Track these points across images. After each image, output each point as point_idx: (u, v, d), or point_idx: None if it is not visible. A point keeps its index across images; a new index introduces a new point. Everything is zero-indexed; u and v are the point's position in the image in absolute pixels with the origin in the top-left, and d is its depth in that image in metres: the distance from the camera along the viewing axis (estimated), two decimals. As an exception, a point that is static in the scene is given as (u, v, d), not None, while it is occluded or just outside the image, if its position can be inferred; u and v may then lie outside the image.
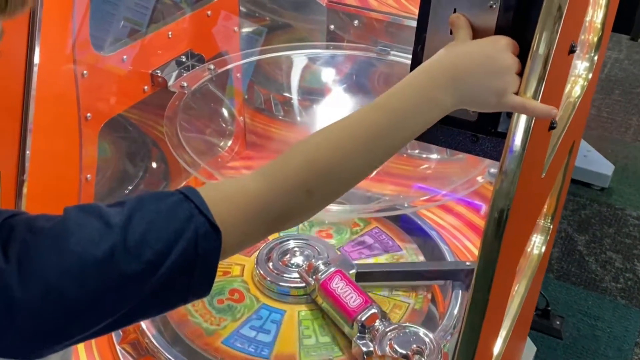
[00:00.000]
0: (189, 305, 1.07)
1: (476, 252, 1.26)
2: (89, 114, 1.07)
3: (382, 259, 1.20)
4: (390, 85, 0.65)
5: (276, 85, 1.51)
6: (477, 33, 0.66)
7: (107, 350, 1.04)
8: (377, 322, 0.99)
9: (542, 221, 1.24)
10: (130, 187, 1.30)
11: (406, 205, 1.10)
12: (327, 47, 1.37)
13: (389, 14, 1.32)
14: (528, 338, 1.68)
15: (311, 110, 1.52)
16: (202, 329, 1.05)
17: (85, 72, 1.04)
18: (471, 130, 0.71)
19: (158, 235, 0.55)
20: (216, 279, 1.01)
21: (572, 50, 0.70)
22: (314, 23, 1.40)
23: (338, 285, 1.04)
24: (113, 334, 1.05)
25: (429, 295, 1.13)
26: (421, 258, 1.21)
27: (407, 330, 0.96)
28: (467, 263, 1.13)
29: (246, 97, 1.49)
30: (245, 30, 1.45)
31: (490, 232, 0.72)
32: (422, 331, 0.96)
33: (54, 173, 1.05)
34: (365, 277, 1.11)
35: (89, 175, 1.11)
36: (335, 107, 1.48)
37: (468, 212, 1.35)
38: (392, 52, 1.33)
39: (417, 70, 0.65)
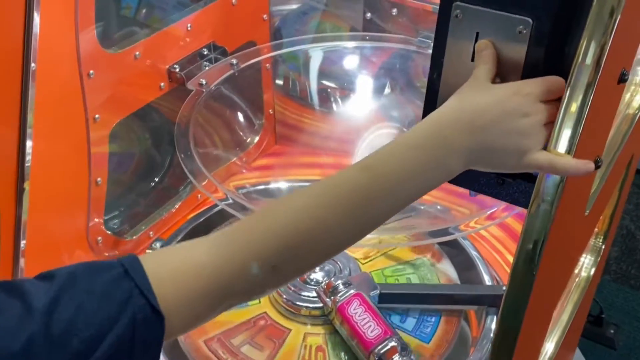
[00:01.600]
0: None
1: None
2: (97, 115, 1.00)
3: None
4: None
5: (309, 74, 1.42)
6: (503, 64, 0.55)
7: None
8: (397, 357, 0.90)
9: (593, 240, 1.12)
10: (149, 188, 1.24)
11: (457, 227, 0.99)
12: (363, 38, 1.26)
13: (430, 2, 1.20)
14: (577, 348, 1.57)
15: (346, 101, 1.43)
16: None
17: (91, 72, 0.97)
18: (498, 175, 0.60)
19: (88, 321, 0.47)
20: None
21: (622, 80, 0.58)
22: (350, 9, 1.29)
23: (356, 311, 0.95)
24: None
25: (461, 321, 1.03)
26: (453, 274, 1.10)
27: (428, 370, 0.87)
28: (504, 287, 1.02)
29: (277, 83, 1.40)
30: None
31: (516, 288, 0.62)
32: (445, 370, 0.87)
33: (60, 178, 0.99)
34: (389, 298, 1.02)
35: (99, 179, 1.05)
36: (370, 100, 1.38)
37: (514, 222, 1.23)
38: (433, 45, 1.21)
39: (421, 125, 0.55)
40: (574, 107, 0.50)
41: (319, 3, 1.38)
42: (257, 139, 1.36)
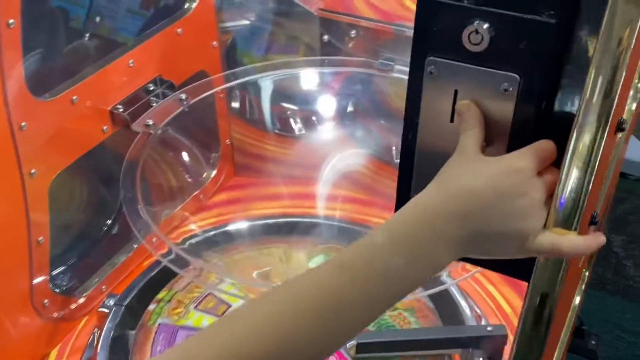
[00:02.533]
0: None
1: (505, 306, 1.09)
2: (33, 170, 0.91)
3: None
4: (392, 102, 0.48)
5: (268, 100, 1.33)
6: (487, 126, 0.47)
7: None
8: (379, 420, 0.82)
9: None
10: (99, 236, 1.14)
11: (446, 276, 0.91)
12: (322, 63, 1.18)
13: (389, 23, 1.12)
14: (560, 364, 1.52)
15: (307, 125, 1.35)
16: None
17: (23, 124, 0.87)
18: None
19: None
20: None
21: (620, 129, 0.52)
22: (306, 33, 1.20)
23: (332, 370, 0.87)
24: None
25: (444, 367, 0.96)
26: (431, 311, 1.03)
27: None
28: (489, 328, 0.95)
29: (233, 110, 1.31)
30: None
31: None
32: None
33: (-4, 242, 0.89)
34: (367, 348, 0.94)
35: (41, 238, 0.95)
36: (332, 123, 1.30)
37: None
38: (396, 67, 1.14)
39: (405, 215, 0.47)
40: (575, 174, 0.43)
41: (267, 22, 1.29)
42: (214, 173, 1.28)
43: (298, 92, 1.29)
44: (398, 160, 1.29)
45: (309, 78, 1.23)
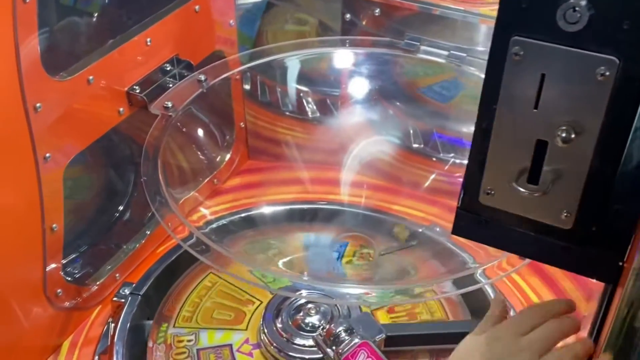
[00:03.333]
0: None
1: (533, 296, 1.05)
2: (48, 154, 0.86)
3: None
4: (414, 86, 0.45)
5: (285, 82, 1.29)
6: (577, 120, 0.43)
7: None
8: (415, 418, 0.79)
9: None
10: (112, 222, 1.10)
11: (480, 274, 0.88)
12: (343, 43, 1.13)
13: (417, 2, 1.08)
14: None
15: (325, 109, 1.30)
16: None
17: (38, 105, 0.82)
18: (563, 241, 0.49)
19: None
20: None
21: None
22: (327, 11, 1.16)
23: (364, 365, 0.84)
24: None
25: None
26: (458, 302, 1.00)
27: None
28: (521, 320, 0.91)
29: (247, 93, 1.27)
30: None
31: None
32: None
33: (9, 229, 0.85)
34: (397, 341, 0.91)
35: (55, 225, 0.91)
36: (352, 107, 1.26)
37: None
38: (422, 48, 1.10)
39: None
40: None
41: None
42: (228, 156, 1.23)
43: (317, 74, 1.24)
44: (417, 145, 1.28)
45: (329, 59, 1.18)
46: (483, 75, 0.46)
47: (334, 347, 0.86)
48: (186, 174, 1.14)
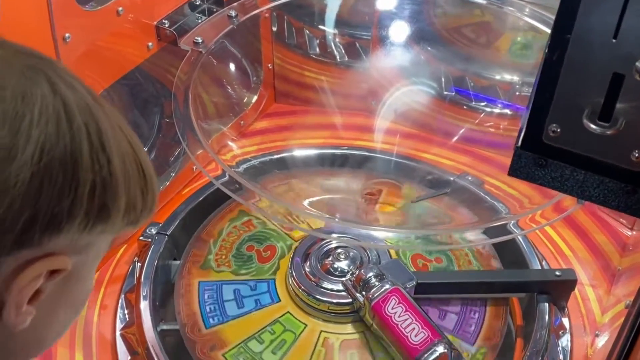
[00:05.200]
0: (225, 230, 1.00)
1: (565, 249, 1.03)
2: (76, 87, 0.83)
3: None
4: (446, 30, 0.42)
5: (313, 22, 1.25)
6: None
7: None
8: (447, 365, 0.78)
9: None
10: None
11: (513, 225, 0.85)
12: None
13: None
14: None
15: (354, 50, 1.26)
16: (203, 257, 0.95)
17: (67, 35, 0.79)
18: (629, 183, 0.46)
19: None
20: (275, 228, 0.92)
21: None
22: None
23: (395, 311, 0.82)
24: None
25: (507, 314, 0.91)
26: (491, 253, 0.98)
27: (487, 382, 0.75)
28: (557, 272, 0.90)
29: (276, 33, 1.23)
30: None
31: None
32: (506, 382, 0.75)
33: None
34: (426, 289, 0.89)
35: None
36: (385, 52, 1.22)
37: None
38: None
39: None
40: None
41: None
42: (255, 98, 1.20)
43: (347, 15, 1.20)
44: (447, 93, 1.24)
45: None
46: (525, 18, 0.43)
47: (363, 293, 0.85)
48: (213, 114, 1.12)
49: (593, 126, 0.44)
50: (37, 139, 0.39)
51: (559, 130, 0.46)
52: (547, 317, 0.87)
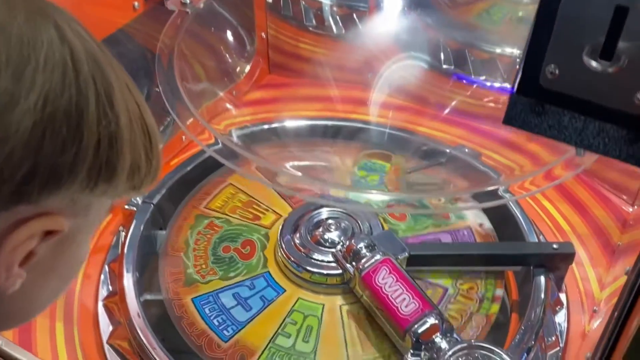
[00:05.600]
0: (190, 240, 0.91)
1: (563, 224, 1.00)
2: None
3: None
4: None
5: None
6: None
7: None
8: (438, 337, 0.75)
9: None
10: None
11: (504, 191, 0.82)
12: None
13: None
14: None
15: (351, 21, 1.23)
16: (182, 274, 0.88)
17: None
18: (631, 129, 0.43)
19: None
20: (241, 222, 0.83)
21: None
22: None
23: (386, 281, 0.79)
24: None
25: (503, 287, 0.88)
26: (486, 225, 0.95)
27: (481, 354, 0.72)
28: (555, 245, 0.87)
29: (269, 2, 1.20)
30: None
31: None
32: (503, 355, 0.72)
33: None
34: (419, 261, 0.86)
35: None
36: (382, 22, 1.18)
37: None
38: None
39: None
40: None
41: None
42: (248, 67, 1.17)
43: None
44: (447, 66, 1.21)
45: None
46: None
47: (354, 263, 0.82)
48: (202, 83, 1.08)
49: (594, 63, 0.40)
50: (41, 86, 0.37)
51: (557, 71, 0.43)
52: (543, 291, 0.84)
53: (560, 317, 0.88)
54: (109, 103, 0.40)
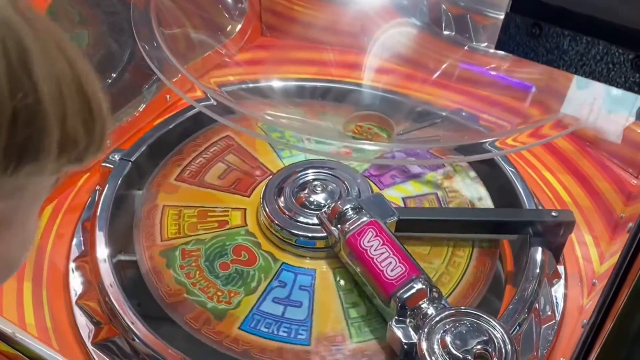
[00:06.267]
0: (182, 277, 0.78)
1: (564, 195, 0.95)
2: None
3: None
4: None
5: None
6: None
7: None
8: (425, 303, 0.70)
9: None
10: (104, 88, 0.99)
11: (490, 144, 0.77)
12: None
13: None
14: None
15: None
16: (207, 311, 0.75)
17: None
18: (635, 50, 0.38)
19: None
20: (212, 233, 0.71)
21: None
22: None
23: (371, 244, 0.74)
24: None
25: (497, 252, 0.83)
26: (482, 193, 0.90)
27: (469, 321, 0.67)
28: (554, 213, 0.82)
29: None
30: None
31: None
32: (491, 322, 0.67)
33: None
34: (409, 226, 0.81)
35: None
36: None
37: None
38: None
39: None
40: None
41: None
42: (238, 27, 1.12)
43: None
44: (448, 32, 1.15)
45: None
46: None
47: (339, 226, 0.77)
48: (191, 41, 1.03)
49: (599, -32, 0.35)
50: None
51: (557, -18, 0.38)
52: (539, 262, 0.79)
53: (558, 290, 0.83)
54: (25, 71, 0.34)
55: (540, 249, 0.80)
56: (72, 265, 0.83)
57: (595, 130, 0.88)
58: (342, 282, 0.78)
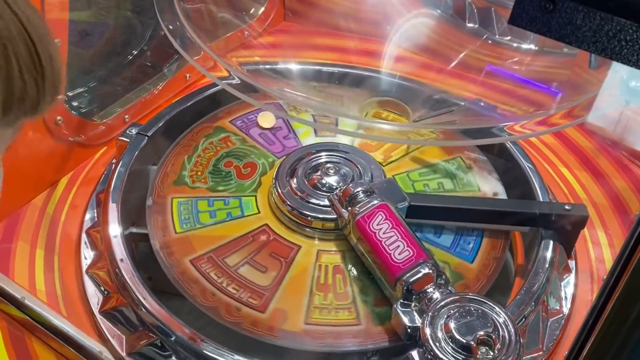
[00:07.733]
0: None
1: (580, 191, 0.94)
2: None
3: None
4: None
5: None
6: None
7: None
8: (431, 287, 0.69)
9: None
10: (126, 63, 1.01)
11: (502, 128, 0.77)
12: None
13: None
14: None
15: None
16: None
17: None
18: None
19: None
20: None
21: None
22: None
23: (380, 227, 0.74)
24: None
25: (509, 240, 0.83)
26: (495, 184, 0.89)
27: (473, 307, 0.67)
28: (567, 206, 0.81)
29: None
30: None
31: None
32: (496, 309, 0.66)
33: None
34: (420, 213, 0.81)
35: (57, 39, 0.82)
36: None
37: (573, 131, 1.00)
38: None
39: None
40: None
41: None
42: (261, 10, 1.12)
43: None
44: (471, 25, 1.15)
45: None
46: None
47: (349, 208, 0.77)
48: (214, 21, 1.04)
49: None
50: None
51: (572, -46, 0.37)
52: (550, 255, 0.79)
53: (567, 285, 0.82)
54: None
55: (551, 242, 0.80)
56: (84, 235, 0.84)
57: (622, 140, 0.88)
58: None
